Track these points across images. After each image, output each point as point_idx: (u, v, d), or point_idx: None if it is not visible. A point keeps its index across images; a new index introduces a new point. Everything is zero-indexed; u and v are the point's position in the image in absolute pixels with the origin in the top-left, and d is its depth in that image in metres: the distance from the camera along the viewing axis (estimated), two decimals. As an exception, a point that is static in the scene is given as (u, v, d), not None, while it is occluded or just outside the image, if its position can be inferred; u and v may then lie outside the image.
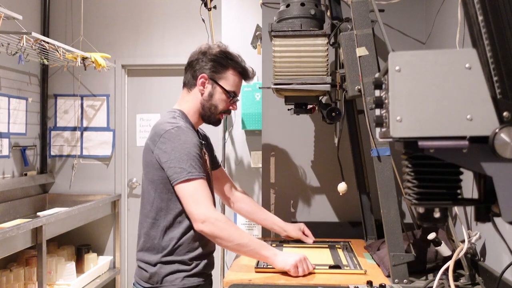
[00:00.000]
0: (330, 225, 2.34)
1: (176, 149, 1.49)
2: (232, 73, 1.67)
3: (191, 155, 1.49)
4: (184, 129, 1.54)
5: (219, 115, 1.69)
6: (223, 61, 1.66)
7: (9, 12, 2.53)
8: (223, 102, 1.67)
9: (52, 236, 2.85)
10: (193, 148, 1.51)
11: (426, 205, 0.85)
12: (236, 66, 1.67)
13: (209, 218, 1.46)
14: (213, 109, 1.67)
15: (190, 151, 1.49)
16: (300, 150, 2.41)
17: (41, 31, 3.67)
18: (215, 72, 1.66)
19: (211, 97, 1.66)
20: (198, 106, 1.68)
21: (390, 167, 1.62)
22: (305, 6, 1.81)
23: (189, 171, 1.47)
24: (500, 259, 1.49)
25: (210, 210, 1.48)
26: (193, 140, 1.53)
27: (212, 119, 1.69)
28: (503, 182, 0.78)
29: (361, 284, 1.49)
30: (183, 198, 1.49)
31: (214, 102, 1.66)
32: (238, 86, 1.70)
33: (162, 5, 3.74)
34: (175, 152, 1.49)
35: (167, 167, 1.50)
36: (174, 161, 1.48)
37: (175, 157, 1.48)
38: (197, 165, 1.49)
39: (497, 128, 0.75)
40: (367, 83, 1.62)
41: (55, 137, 3.85)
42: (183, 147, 1.49)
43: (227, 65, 1.66)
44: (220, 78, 1.66)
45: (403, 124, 0.78)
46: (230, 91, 1.67)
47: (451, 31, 1.87)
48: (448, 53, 0.78)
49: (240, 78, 1.70)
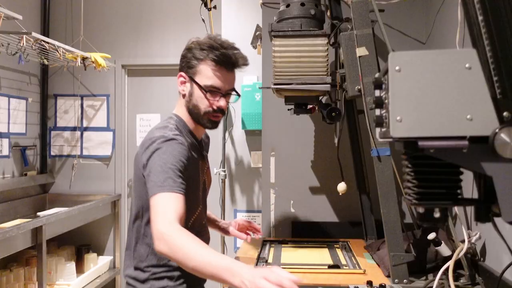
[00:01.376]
0: (330, 225, 2.34)
1: (154, 160, 1.31)
2: (206, 63, 1.42)
3: (166, 167, 1.29)
4: (168, 139, 1.35)
5: (206, 115, 1.45)
6: (197, 53, 1.43)
7: (9, 12, 2.53)
8: (203, 100, 1.44)
9: (52, 236, 2.85)
10: (170, 159, 1.30)
11: (426, 205, 0.85)
12: (209, 54, 1.41)
13: (162, 234, 1.17)
14: (196, 110, 1.45)
15: (166, 163, 1.29)
16: (300, 150, 2.41)
17: (41, 31, 3.67)
18: (189, 67, 1.45)
19: (191, 96, 1.45)
20: (185, 110, 1.49)
21: (390, 167, 1.62)
22: (305, 6, 1.81)
23: (159, 185, 1.26)
24: (500, 259, 1.49)
25: (166, 224, 1.19)
26: (175, 150, 1.33)
27: (201, 122, 1.47)
28: (503, 182, 0.78)
29: (361, 284, 1.50)
30: (150, 212, 1.27)
31: (195, 101, 1.45)
32: (219, 77, 1.43)
33: (162, 5, 3.74)
34: (153, 164, 1.30)
35: (147, 181, 1.31)
36: (151, 174, 1.29)
37: (152, 169, 1.30)
38: (170, 178, 1.27)
39: (497, 128, 0.75)
40: (367, 83, 1.62)
41: (55, 137, 3.85)
42: (161, 158, 1.30)
43: (200, 56, 1.42)
44: (195, 73, 1.44)
45: (403, 124, 0.78)
46: (205, 86, 1.42)
47: (451, 31, 1.87)
48: (448, 53, 0.78)
49: (219, 68, 1.42)
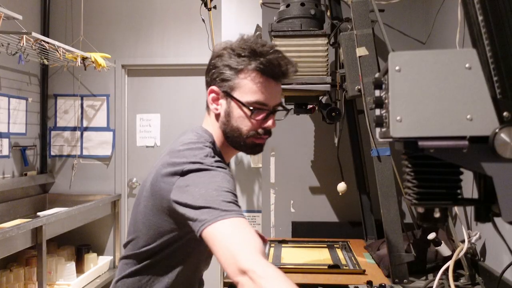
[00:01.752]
0: (329, 225, 2.34)
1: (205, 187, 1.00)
2: (248, 74, 1.14)
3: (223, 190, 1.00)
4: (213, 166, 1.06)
5: (250, 139, 1.17)
6: (233, 62, 1.14)
7: (9, 12, 2.53)
8: (245, 121, 1.15)
9: (52, 236, 2.85)
10: (224, 183, 1.02)
11: (426, 205, 0.85)
12: (252, 62, 1.13)
13: (251, 269, 0.86)
14: (235, 134, 1.16)
15: (221, 187, 1.00)
16: (300, 150, 2.41)
17: (41, 31, 3.67)
18: (223, 80, 1.16)
19: (229, 116, 1.16)
20: (219, 131, 1.20)
21: (390, 167, 1.62)
22: (305, 6, 1.81)
23: (222, 209, 0.95)
24: (500, 259, 1.49)
25: (255, 258, 0.88)
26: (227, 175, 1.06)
27: (243, 147, 1.19)
28: (503, 182, 0.78)
29: (361, 284, 1.50)
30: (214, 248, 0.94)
31: (234, 123, 1.16)
32: (265, 91, 1.14)
33: (162, 5, 3.74)
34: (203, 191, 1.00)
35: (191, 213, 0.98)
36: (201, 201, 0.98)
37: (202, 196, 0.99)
38: (232, 201, 0.99)
39: (497, 128, 0.75)
40: (367, 83, 1.62)
41: (55, 137, 3.85)
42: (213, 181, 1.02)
43: (239, 65, 1.14)
44: (233, 87, 1.15)
45: (403, 124, 0.78)
46: (249, 103, 1.13)
47: (451, 31, 1.87)
48: (448, 53, 0.78)
49: (265, 79, 1.14)
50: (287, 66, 1.16)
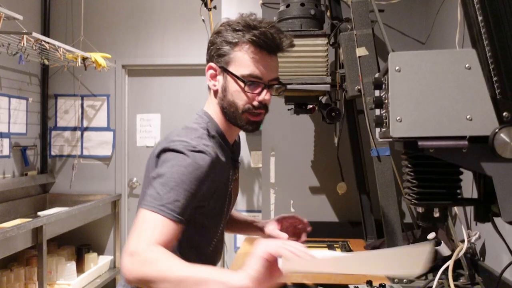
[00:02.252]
0: (329, 225, 2.34)
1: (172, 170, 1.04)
2: (242, 48, 1.14)
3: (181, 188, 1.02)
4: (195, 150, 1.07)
5: (246, 114, 1.17)
6: (229, 36, 1.15)
7: (9, 12, 2.53)
8: (240, 94, 1.15)
9: (52, 236, 2.85)
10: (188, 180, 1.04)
11: (426, 205, 0.86)
12: (246, 35, 1.13)
13: (135, 253, 0.94)
14: (232, 109, 1.17)
15: (182, 183, 1.03)
16: (300, 150, 2.41)
17: (42, 31, 3.67)
18: (220, 55, 1.16)
19: (225, 91, 1.17)
20: (218, 109, 1.21)
21: (390, 167, 1.62)
22: (305, 6, 1.81)
23: (163, 203, 1.00)
24: (499, 259, 1.49)
25: (144, 246, 0.94)
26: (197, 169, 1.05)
27: (239, 123, 1.18)
28: (503, 182, 0.78)
29: (361, 284, 1.50)
30: (135, 224, 1.00)
31: (230, 97, 1.16)
32: (259, 64, 1.15)
33: (162, 5, 3.74)
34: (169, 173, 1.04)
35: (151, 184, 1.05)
36: (159, 182, 1.03)
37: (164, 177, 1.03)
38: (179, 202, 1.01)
39: (497, 128, 0.76)
40: (367, 83, 1.62)
41: (56, 137, 3.85)
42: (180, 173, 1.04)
43: (234, 39, 1.14)
44: (229, 62, 1.15)
45: (403, 124, 0.78)
46: (243, 76, 1.14)
47: (451, 31, 1.87)
48: (448, 53, 0.78)
49: (259, 52, 1.14)
50: (281, 39, 1.16)
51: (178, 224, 1.01)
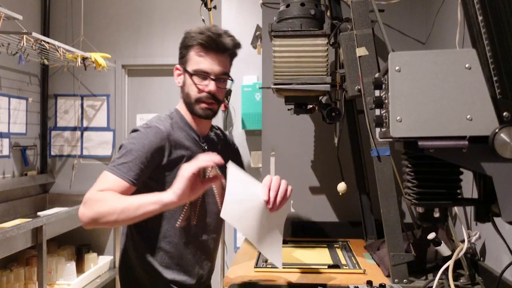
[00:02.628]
0: (329, 225, 2.34)
1: (126, 142, 1.35)
2: (194, 49, 1.43)
3: (129, 154, 1.31)
4: (148, 127, 1.38)
5: (198, 103, 1.43)
6: (186, 41, 1.45)
7: (9, 12, 2.53)
8: (192, 86, 1.42)
9: (52, 236, 2.85)
10: (137, 149, 1.32)
11: (426, 205, 0.86)
12: (196, 39, 1.41)
13: (86, 198, 1.25)
14: (188, 99, 1.45)
15: (131, 150, 1.32)
16: (300, 150, 2.41)
17: (41, 31, 3.67)
18: (181, 57, 1.47)
19: (184, 85, 1.46)
20: (182, 101, 1.49)
21: (390, 167, 1.62)
22: (305, 6, 1.81)
23: (114, 165, 1.30)
24: (500, 259, 1.49)
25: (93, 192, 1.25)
26: (147, 140, 1.34)
27: (194, 111, 1.44)
28: (503, 182, 0.78)
29: (361, 284, 1.50)
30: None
31: (186, 90, 1.45)
32: (206, 60, 1.41)
33: (162, 5, 3.74)
34: (123, 144, 1.35)
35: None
36: (119, 151, 1.34)
37: (121, 148, 1.34)
38: (127, 164, 1.30)
39: (497, 128, 0.75)
40: (367, 83, 1.62)
41: (55, 137, 3.85)
42: (131, 143, 1.34)
43: (189, 43, 1.43)
44: (186, 62, 1.44)
45: (403, 124, 0.78)
46: (193, 70, 1.42)
47: (451, 31, 1.87)
48: (448, 53, 0.78)
49: (206, 51, 1.42)
50: (226, 39, 1.43)
51: (124, 182, 1.28)
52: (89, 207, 1.22)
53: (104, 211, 1.20)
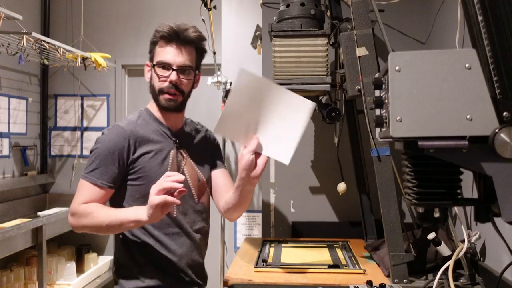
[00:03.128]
0: (329, 225, 2.34)
1: (93, 147, 1.45)
2: (157, 44, 1.47)
3: (98, 159, 1.41)
4: (112, 129, 1.46)
5: (162, 94, 1.46)
6: (153, 37, 1.49)
7: (9, 12, 2.53)
8: (155, 77, 1.46)
9: (52, 236, 2.84)
10: (103, 152, 1.41)
11: (426, 205, 0.86)
12: (158, 33, 1.46)
13: (72, 212, 1.42)
14: (152, 91, 1.49)
15: (99, 155, 1.41)
16: (300, 150, 2.40)
17: (41, 31, 3.67)
18: (150, 53, 1.51)
19: (151, 79, 1.50)
20: (151, 96, 1.53)
21: (390, 167, 1.62)
22: (305, 6, 1.81)
23: (87, 172, 1.42)
24: (500, 259, 1.49)
25: (76, 206, 1.40)
26: (111, 141, 1.41)
27: (159, 102, 1.47)
28: (503, 182, 0.78)
29: (361, 284, 1.50)
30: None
31: (152, 82, 1.49)
32: (167, 52, 1.44)
33: (162, 5, 3.74)
34: (92, 150, 1.45)
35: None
36: (89, 158, 1.45)
37: (90, 154, 1.46)
38: (98, 169, 1.40)
39: (497, 128, 0.75)
40: (367, 83, 1.62)
41: (55, 137, 3.85)
42: (96, 147, 1.43)
43: (154, 39, 1.48)
44: (152, 57, 1.49)
45: (403, 124, 0.78)
46: (156, 62, 1.45)
47: (451, 31, 1.87)
48: (448, 53, 0.78)
49: (167, 43, 1.45)
50: (186, 31, 1.44)
51: (100, 187, 1.40)
52: (77, 220, 1.41)
53: (91, 226, 1.39)
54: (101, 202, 1.41)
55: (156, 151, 1.45)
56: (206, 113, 3.59)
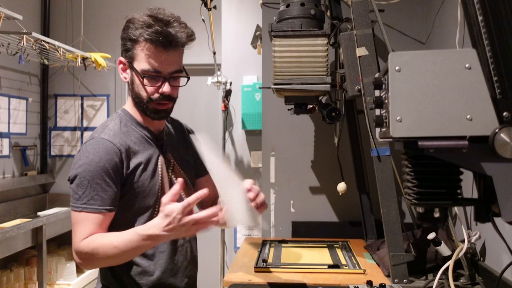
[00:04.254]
0: (329, 225, 2.34)
1: (80, 169, 1.21)
2: (140, 45, 1.23)
3: (94, 182, 1.20)
4: (97, 143, 1.23)
5: (152, 104, 1.27)
6: (131, 33, 1.24)
7: (9, 12, 2.53)
8: (144, 87, 1.25)
9: (52, 236, 2.85)
10: (97, 173, 1.20)
11: (426, 205, 0.86)
12: (143, 34, 1.22)
13: (76, 252, 1.21)
14: (138, 100, 1.28)
15: (93, 177, 1.20)
16: (300, 150, 2.41)
17: (41, 31, 3.67)
18: (126, 51, 1.27)
19: (133, 84, 1.28)
20: (131, 99, 1.32)
21: (390, 167, 1.62)
22: (305, 6, 1.81)
23: (85, 202, 1.20)
24: (500, 259, 1.49)
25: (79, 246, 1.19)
26: (102, 160, 1.21)
27: (147, 112, 1.29)
28: (503, 182, 0.78)
29: (361, 284, 1.50)
30: (72, 225, 1.23)
31: (136, 89, 1.27)
32: (156, 59, 1.23)
33: (162, 5, 3.73)
34: (78, 173, 1.21)
35: (69, 185, 1.24)
36: (75, 183, 1.22)
37: (77, 178, 1.21)
38: (98, 195, 1.20)
39: (497, 128, 0.75)
40: (367, 83, 1.62)
41: (55, 137, 3.85)
42: (87, 170, 1.20)
43: (134, 36, 1.24)
44: (132, 57, 1.26)
45: (403, 124, 0.78)
46: (142, 71, 1.24)
47: (451, 31, 1.87)
48: (448, 53, 0.78)
49: (154, 48, 1.22)
50: (177, 34, 1.23)
51: (103, 213, 1.21)
52: (86, 263, 1.22)
53: (103, 262, 1.23)
54: (105, 230, 1.23)
55: (145, 162, 1.28)
56: (206, 113, 3.60)
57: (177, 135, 1.49)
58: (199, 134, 1.26)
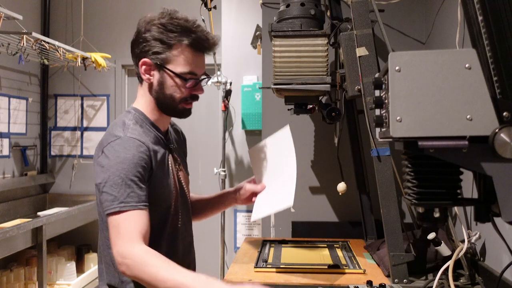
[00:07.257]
0: (329, 225, 2.34)
1: (112, 169, 1.18)
2: (179, 49, 1.29)
3: (128, 179, 1.17)
4: (126, 142, 1.22)
5: (182, 104, 1.33)
6: (165, 37, 1.30)
7: (9, 12, 2.53)
8: (179, 88, 1.31)
9: (52, 236, 2.85)
10: (131, 170, 1.19)
11: (426, 205, 0.86)
12: (184, 39, 1.29)
13: (123, 258, 1.11)
14: (169, 101, 1.32)
15: (127, 174, 1.18)
16: (300, 150, 2.40)
17: (41, 31, 3.67)
18: (157, 54, 1.30)
19: (162, 85, 1.31)
20: (151, 99, 1.35)
21: (390, 167, 1.62)
22: (305, 6, 1.81)
23: (121, 200, 1.15)
24: (500, 259, 1.49)
25: (129, 247, 1.12)
26: (135, 157, 1.20)
27: (176, 112, 1.35)
28: (503, 182, 0.78)
29: (361, 284, 1.50)
30: (110, 231, 1.17)
31: (167, 91, 1.31)
32: (197, 63, 1.32)
33: (162, 5, 3.73)
34: (111, 174, 1.18)
35: (100, 191, 1.20)
36: (107, 185, 1.17)
37: (109, 179, 1.18)
38: (134, 192, 1.17)
39: (497, 128, 0.75)
40: (367, 83, 1.62)
41: (55, 137, 3.85)
42: (120, 168, 1.18)
43: (171, 41, 1.29)
44: (166, 60, 1.30)
45: (403, 124, 0.78)
46: (184, 73, 1.30)
47: (451, 31, 1.87)
48: (448, 53, 0.78)
49: (195, 52, 1.31)
50: (213, 39, 1.34)
51: (143, 210, 1.18)
52: (133, 268, 1.10)
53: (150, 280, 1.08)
54: (148, 228, 1.18)
55: (162, 161, 1.32)
56: (206, 113, 3.60)
57: (175, 134, 1.54)
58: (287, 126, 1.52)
